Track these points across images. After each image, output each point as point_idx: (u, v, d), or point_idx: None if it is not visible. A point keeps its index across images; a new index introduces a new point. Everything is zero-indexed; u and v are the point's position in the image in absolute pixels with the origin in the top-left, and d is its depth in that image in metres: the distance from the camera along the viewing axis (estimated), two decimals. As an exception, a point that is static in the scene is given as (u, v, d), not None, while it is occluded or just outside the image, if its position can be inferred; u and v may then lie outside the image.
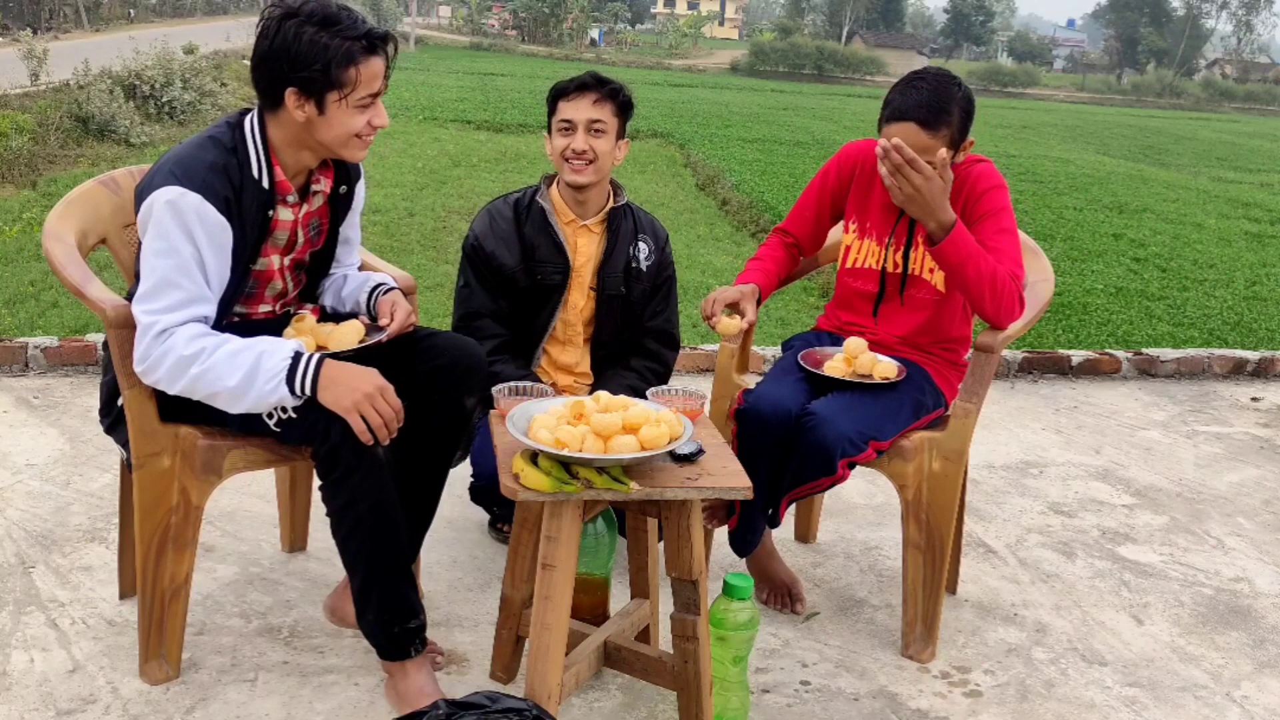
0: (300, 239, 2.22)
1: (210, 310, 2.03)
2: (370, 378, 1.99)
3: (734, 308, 2.53)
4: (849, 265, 2.66)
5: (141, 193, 2.04)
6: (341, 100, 2.02)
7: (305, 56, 1.97)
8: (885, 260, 2.58)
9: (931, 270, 2.54)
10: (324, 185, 2.22)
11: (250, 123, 2.09)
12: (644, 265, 2.83)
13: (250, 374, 1.94)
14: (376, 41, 2.03)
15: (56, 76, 11.83)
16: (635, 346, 2.88)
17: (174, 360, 1.94)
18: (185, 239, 1.97)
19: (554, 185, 2.81)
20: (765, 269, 2.68)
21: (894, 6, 77.96)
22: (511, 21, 57.61)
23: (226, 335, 1.99)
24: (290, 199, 2.15)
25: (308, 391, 1.97)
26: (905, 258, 2.56)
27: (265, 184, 2.08)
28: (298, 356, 1.98)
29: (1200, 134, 25.38)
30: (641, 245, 2.84)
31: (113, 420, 2.22)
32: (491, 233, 2.76)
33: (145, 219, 2.00)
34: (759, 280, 2.63)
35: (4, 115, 9.18)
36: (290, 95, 2.01)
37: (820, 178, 2.70)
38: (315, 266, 2.33)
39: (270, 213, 2.11)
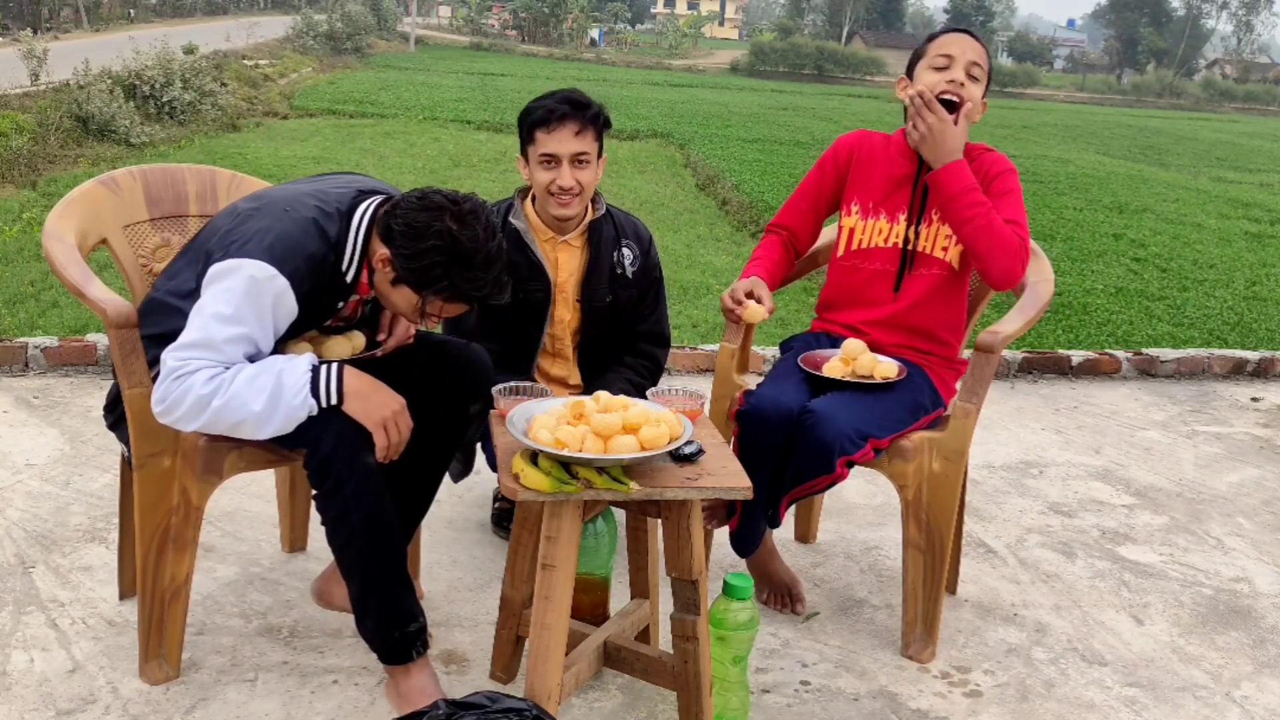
0: (345, 314, 2.24)
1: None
2: (396, 396, 2.04)
3: (750, 296, 2.55)
4: (854, 248, 2.66)
5: (225, 240, 2.02)
6: (420, 301, 2.05)
7: (436, 282, 2.00)
8: (903, 235, 2.61)
9: (944, 249, 2.57)
10: None
11: (361, 216, 2.09)
12: (629, 271, 2.80)
13: (275, 394, 1.95)
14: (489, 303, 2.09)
15: (56, 76, 11.79)
16: (627, 349, 2.86)
17: (193, 399, 1.93)
18: (254, 316, 1.98)
19: (527, 201, 2.77)
20: (765, 267, 2.70)
21: (894, 6, 77.92)
22: (511, 21, 57.61)
23: (239, 364, 1.98)
24: (366, 298, 2.18)
25: (334, 401, 1.99)
26: (917, 233, 2.59)
27: (349, 279, 2.10)
28: (315, 367, 2.00)
29: (1200, 134, 25.36)
30: (625, 251, 2.80)
31: (117, 418, 2.22)
32: None
33: (221, 276, 1.98)
34: (761, 274, 2.65)
35: (4, 115, 9.18)
36: (388, 263, 2.02)
37: (817, 170, 2.72)
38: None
39: (340, 305, 2.15)
